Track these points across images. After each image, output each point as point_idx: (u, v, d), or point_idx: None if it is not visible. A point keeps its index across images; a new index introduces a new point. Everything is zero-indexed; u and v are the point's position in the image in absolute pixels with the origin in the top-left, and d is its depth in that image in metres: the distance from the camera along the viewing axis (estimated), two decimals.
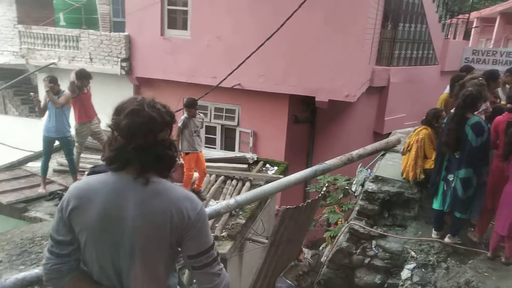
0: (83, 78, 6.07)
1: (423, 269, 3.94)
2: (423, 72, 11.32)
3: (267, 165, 7.38)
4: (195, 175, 5.84)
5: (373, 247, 4.45)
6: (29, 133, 7.96)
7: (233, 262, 5.06)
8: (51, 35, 10.14)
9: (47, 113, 5.91)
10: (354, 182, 5.91)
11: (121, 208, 1.51)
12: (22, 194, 5.80)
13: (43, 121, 6.03)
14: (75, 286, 1.63)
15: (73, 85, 5.97)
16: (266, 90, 8.52)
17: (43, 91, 5.95)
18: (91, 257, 1.57)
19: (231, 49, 8.31)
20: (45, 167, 6.01)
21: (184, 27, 9.06)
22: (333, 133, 9.64)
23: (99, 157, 1.65)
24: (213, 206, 4.48)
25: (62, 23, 10.91)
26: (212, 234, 5.04)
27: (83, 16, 11.00)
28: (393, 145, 5.75)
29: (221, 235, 4.93)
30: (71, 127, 6.08)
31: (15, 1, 10.63)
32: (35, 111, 9.42)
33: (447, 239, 4.04)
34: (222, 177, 6.66)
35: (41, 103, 5.96)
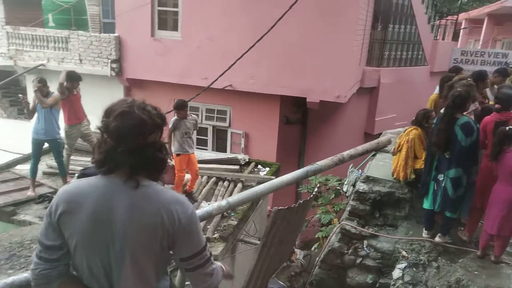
0: (73, 79, 6.04)
1: (414, 269, 3.96)
2: (412, 72, 11.43)
3: (259, 166, 7.37)
4: (187, 176, 5.82)
5: (365, 247, 4.47)
6: (18, 135, 7.86)
7: (225, 263, 5.04)
8: (39, 36, 10.04)
9: (36, 115, 5.86)
10: (345, 182, 5.93)
11: (111, 212, 1.49)
12: (10, 197, 5.74)
13: (32, 123, 5.97)
14: None
15: (62, 87, 5.91)
16: (257, 91, 8.53)
17: (32, 92, 5.90)
18: (81, 261, 1.55)
19: (222, 50, 8.30)
20: (34, 169, 5.95)
21: (174, 28, 9.03)
22: (324, 134, 9.67)
23: (89, 159, 1.63)
24: (205, 207, 4.47)
25: (51, 24, 10.78)
26: (204, 235, 5.02)
27: (73, 17, 10.86)
28: (384, 145, 5.78)
29: (213, 236, 4.92)
30: (60, 129, 6.02)
31: (3, 1, 10.48)
32: (24, 113, 9.30)
33: (437, 239, 4.07)
34: (213, 179, 6.64)
35: (30, 105, 5.92)
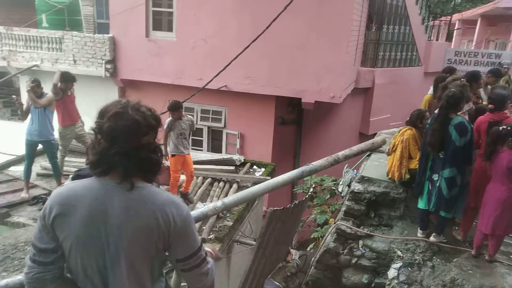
0: (67, 80, 6.01)
1: (409, 268, 3.98)
2: (407, 73, 11.48)
3: (254, 167, 7.37)
4: (182, 177, 5.80)
5: (360, 247, 4.48)
6: (11, 137, 7.80)
7: (221, 264, 5.04)
8: (33, 36, 9.97)
9: (30, 116, 5.82)
10: (340, 182, 5.94)
11: (106, 214, 1.48)
12: (4, 199, 5.70)
13: (26, 124, 5.92)
14: None
15: (56, 88, 5.88)
16: (252, 91, 8.53)
17: (25, 94, 5.86)
18: (76, 264, 1.54)
19: (217, 51, 8.30)
20: (28, 171, 5.91)
21: (169, 29, 9.01)
22: (319, 134, 9.69)
23: (84, 160, 1.62)
24: (200, 208, 4.46)
25: (44, 24, 10.73)
26: (199, 236, 5.00)
27: (66, 17, 10.81)
28: (379, 145, 5.80)
29: (209, 237, 4.90)
30: (54, 130, 5.98)
31: None
32: (17, 114, 9.23)
33: (432, 238, 4.09)
34: (209, 179, 6.63)
35: (24, 106, 5.88)
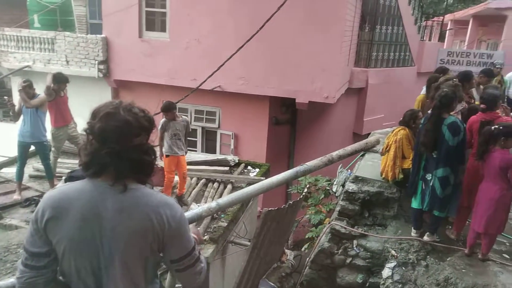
0: (60, 81, 5.97)
1: (404, 267, 4.00)
2: (400, 73, 11.55)
3: (249, 167, 7.36)
4: (176, 178, 5.78)
5: (354, 246, 4.49)
6: (3, 138, 7.73)
7: (216, 265, 5.03)
8: (25, 37, 9.89)
9: (22, 117, 5.78)
10: (334, 182, 5.96)
11: (100, 216, 1.47)
12: None
13: (18, 126, 5.87)
14: None
15: (49, 89, 5.85)
16: (246, 92, 8.52)
17: (17, 95, 5.81)
18: (70, 267, 1.53)
19: (211, 51, 8.29)
20: (20, 172, 5.86)
21: (162, 29, 8.98)
22: (313, 134, 9.71)
23: (77, 162, 1.61)
24: (195, 209, 4.45)
25: (36, 25, 10.65)
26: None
27: (59, 18, 10.74)
28: (372, 145, 5.82)
29: (203, 238, 4.89)
30: (47, 131, 5.94)
31: None
32: (9, 115, 9.16)
33: (426, 237, 4.11)
34: (203, 180, 6.61)
35: (16, 107, 5.84)
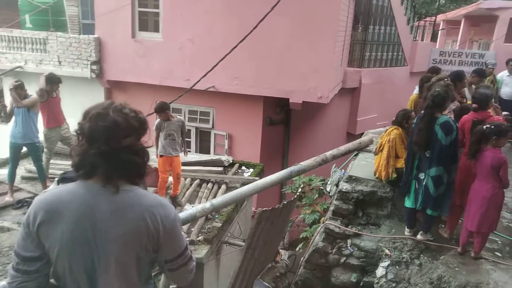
0: (53, 82, 5.94)
1: (397, 266, 4.01)
2: (393, 73, 11.61)
3: (243, 167, 7.36)
4: (170, 179, 5.77)
5: (349, 246, 4.51)
6: None
7: (210, 265, 5.02)
8: (16, 37, 9.82)
9: (14, 118, 5.73)
10: (328, 182, 5.97)
11: (94, 218, 1.46)
12: None
13: (10, 127, 5.82)
14: None
15: (42, 91, 5.82)
16: (240, 92, 8.52)
17: (9, 96, 5.76)
18: (64, 270, 1.51)
19: (204, 51, 8.27)
20: (12, 174, 5.82)
21: (155, 29, 8.96)
22: (307, 134, 9.73)
23: (70, 163, 1.60)
24: (189, 210, 4.44)
25: (28, 25, 10.57)
26: (188, 238, 4.95)
27: (51, 18, 10.67)
28: (366, 145, 5.85)
29: (197, 239, 4.87)
30: (39, 132, 5.90)
31: None
32: (0, 116, 9.07)
33: (419, 236, 4.13)
34: (197, 181, 6.60)
35: (7, 108, 5.79)
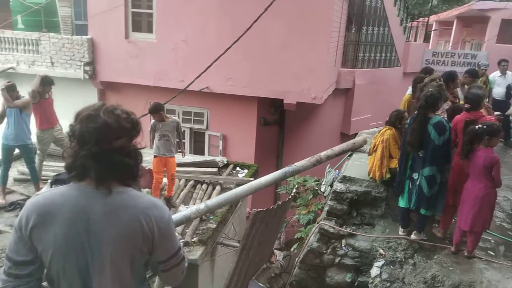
0: (45, 83, 5.90)
1: (392, 266, 4.03)
2: (386, 73, 11.67)
3: (237, 168, 7.36)
4: (165, 180, 5.75)
5: (343, 246, 4.52)
6: None
7: (205, 267, 5.01)
8: (8, 38, 9.75)
9: (6, 120, 5.68)
10: (323, 182, 5.99)
11: (88, 221, 1.45)
12: None
13: (2, 128, 5.77)
14: None
15: (34, 92, 5.78)
16: (234, 93, 8.51)
17: (0, 98, 5.71)
18: (58, 273, 1.50)
19: (198, 52, 8.26)
20: (4, 176, 5.77)
21: (149, 30, 8.93)
22: (301, 135, 9.75)
23: (63, 164, 1.58)
24: (183, 211, 4.42)
25: (20, 26, 10.48)
26: (182, 239, 4.91)
27: (43, 18, 10.59)
28: (360, 145, 5.87)
29: (192, 240, 4.86)
30: (31, 134, 5.85)
31: None
32: None
33: (413, 236, 4.15)
34: (191, 182, 6.58)
35: None
